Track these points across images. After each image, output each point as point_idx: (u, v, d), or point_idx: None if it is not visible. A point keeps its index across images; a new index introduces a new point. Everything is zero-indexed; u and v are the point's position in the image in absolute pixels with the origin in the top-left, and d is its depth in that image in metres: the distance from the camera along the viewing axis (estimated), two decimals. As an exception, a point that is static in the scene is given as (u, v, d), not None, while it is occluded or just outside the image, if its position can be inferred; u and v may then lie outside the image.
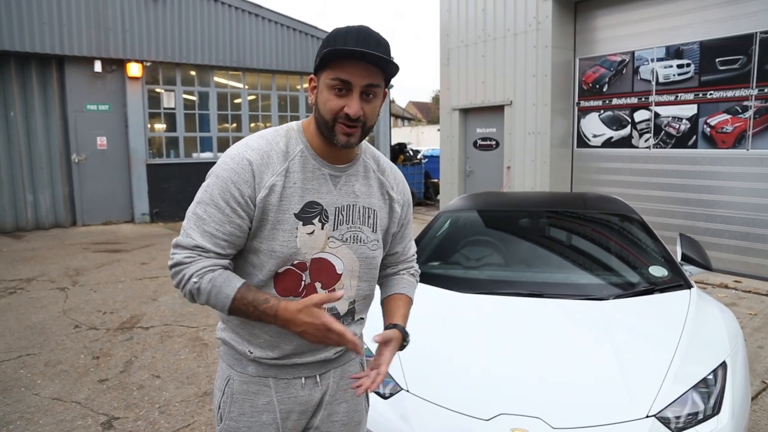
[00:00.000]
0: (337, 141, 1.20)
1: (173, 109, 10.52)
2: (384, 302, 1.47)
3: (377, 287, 1.48)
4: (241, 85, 11.28)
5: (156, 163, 10.32)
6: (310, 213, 1.24)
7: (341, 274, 1.29)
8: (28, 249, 7.78)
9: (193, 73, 10.69)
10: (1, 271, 6.43)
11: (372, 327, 1.46)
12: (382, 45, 1.19)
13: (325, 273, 1.27)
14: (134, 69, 9.82)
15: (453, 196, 8.88)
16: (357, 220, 1.30)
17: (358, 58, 1.16)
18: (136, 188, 10.13)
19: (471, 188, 9.08)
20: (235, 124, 11.35)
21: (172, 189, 10.46)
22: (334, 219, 1.27)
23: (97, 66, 9.52)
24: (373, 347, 2.00)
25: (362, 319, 1.41)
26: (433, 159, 14.46)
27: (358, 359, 1.46)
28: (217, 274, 1.18)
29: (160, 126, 10.56)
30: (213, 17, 10.52)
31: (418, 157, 15.02)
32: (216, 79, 10.95)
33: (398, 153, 14.16)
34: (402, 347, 1.38)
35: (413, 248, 1.56)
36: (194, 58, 10.40)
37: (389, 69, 1.20)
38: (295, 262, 1.24)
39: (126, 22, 9.65)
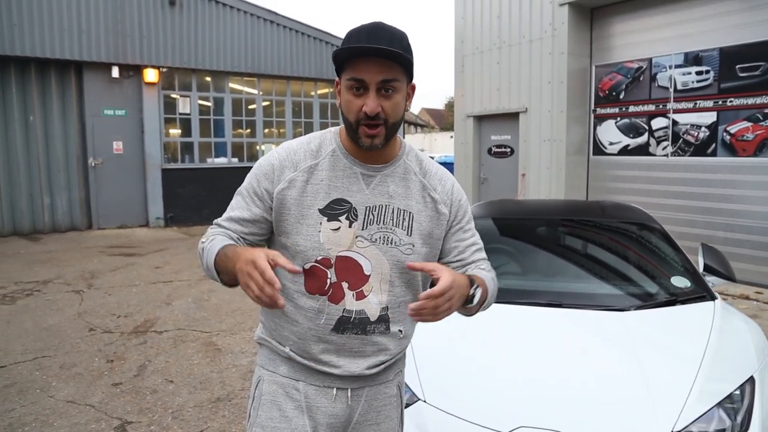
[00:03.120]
0: (361, 143, 1.21)
1: (188, 114, 10.62)
2: None
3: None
4: (255, 91, 11.35)
5: (171, 168, 10.41)
6: (336, 210, 1.24)
7: (369, 276, 1.26)
8: (45, 251, 7.87)
9: (208, 78, 10.78)
10: (18, 273, 6.50)
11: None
12: (396, 38, 1.17)
13: (351, 272, 1.25)
14: (151, 75, 9.94)
15: (466, 203, 8.81)
16: (389, 221, 1.27)
17: (367, 54, 1.15)
18: (151, 193, 10.22)
19: (485, 196, 9.02)
20: (249, 130, 11.41)
21: (187, 194, 10.54)
22: (364, 218, 1.25)
23: (115, 72, 9.65)
24: (411, 382, 1.94)
25: (400, 332, 1.32)
26: (446, 166, 14.39)
27: (396, 380, 1.40)
28: (219, 237, 1.25)
29: (175, 131, 10.65)
30: (228, 24, 10.62)
31: None
32: (231, 84, 11.04)
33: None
34: (468, 300, 1.19)
35: (481, 254, 1.39)
36: (210, 64, 10.50)
37: (406, 62, 1.17)
38: (319, 258, 1.24)
39: (143, 28, 9.78)
